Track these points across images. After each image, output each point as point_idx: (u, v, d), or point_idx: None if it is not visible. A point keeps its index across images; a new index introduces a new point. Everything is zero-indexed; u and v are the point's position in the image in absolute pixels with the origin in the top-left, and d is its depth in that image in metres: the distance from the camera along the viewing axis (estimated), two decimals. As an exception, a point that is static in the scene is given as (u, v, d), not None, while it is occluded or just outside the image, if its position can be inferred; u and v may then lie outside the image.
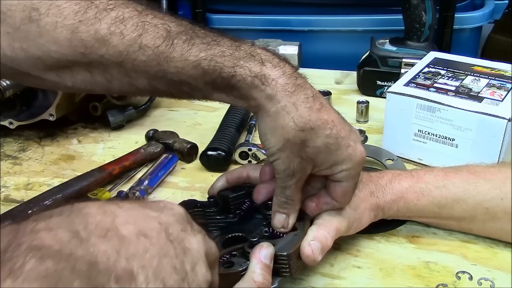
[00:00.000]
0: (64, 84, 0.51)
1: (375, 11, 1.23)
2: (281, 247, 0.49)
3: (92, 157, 0.82)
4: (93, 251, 0.31)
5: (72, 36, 0.46)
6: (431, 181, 0.58)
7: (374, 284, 0.54)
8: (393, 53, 0.94)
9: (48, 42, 0.47)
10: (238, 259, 0.48)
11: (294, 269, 0.49)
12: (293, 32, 1.25)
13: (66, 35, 0.47)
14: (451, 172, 0.59)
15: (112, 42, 0.46)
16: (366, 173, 0.59)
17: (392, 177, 0.59)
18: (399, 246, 0.59)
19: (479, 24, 1.22)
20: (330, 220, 0.53)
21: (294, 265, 0.49)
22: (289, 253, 0.48)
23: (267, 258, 0.47)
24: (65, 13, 0.46)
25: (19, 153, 0.84)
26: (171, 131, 0.83)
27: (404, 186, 0.58)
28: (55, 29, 0.47)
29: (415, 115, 0.71)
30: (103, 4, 0.47)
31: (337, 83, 1.05)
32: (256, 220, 0.56)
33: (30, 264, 0.28)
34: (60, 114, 0.85)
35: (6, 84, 0.76)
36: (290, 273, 0.49)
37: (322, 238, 0.51)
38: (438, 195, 0.57)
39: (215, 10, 1.33)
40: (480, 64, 0.78)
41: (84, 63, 0.48)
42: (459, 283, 0.53)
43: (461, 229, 0.60)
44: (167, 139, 0.81)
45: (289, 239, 0.50)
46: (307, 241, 0.50)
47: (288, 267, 0.48)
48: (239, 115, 0.85)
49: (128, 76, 0.49)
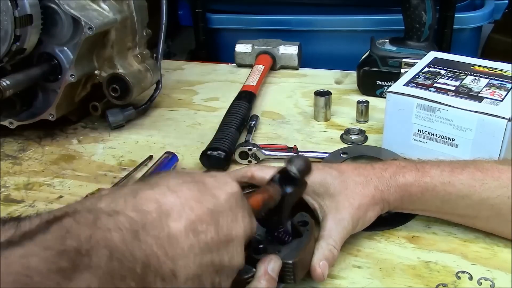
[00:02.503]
0: None
1: (375, 11, 1.23)
2: (286, 254, 0.49)
3: (92, 157, 0.82)
4: (148, 253, 0.34)
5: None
6: (436, 176, 0.57)
7: (374, 284, 0.54)
8: (393, 53, 0.94)
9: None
10: (244, 265, 0.48)
11: (298, 276, 0.50)
12: (293, 32, 1.25)
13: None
14: (458, 168, 0.58)
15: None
16: (370, 165, 0.59)
17: (397, 170, 0.58)
18: (399, 246, 0.59)
19: (479, 24, 1.22)
20: (336, 230, 0.54)
21: (298, 272, 0.50)
22: (294, 261, 0.48)
23: (274, 271, 0.47)
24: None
25: (19, 153, 0.84)
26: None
27: (408, 180, 0.57)
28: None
29: (415, 115, 0.71)
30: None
31: (337, 83, 1.05)
32: (259, 222, 0.56)
33: (103, 263, 0.31)
34: (60, 114, 0.85)
35: (6, 84, 0.76)
36: (294, 280, 0.49)
37: (330, 257, 0.52)
38: (442, 190, 0.56)
39: (215, 10, 1.33)
40: (480, 64, 0.78)
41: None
42: (459, 283, 0.53)
43: (465, 223, 0.60)
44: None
45: (294, 246, 0.50)
46: (317, 262, 0.51)
47: (293, 275, 0.49)
48: (239, 115, 0.85)
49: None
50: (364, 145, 0.81)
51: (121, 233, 0.33)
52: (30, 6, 0.74)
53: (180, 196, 0.38)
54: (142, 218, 0.35)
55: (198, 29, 1.34)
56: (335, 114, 0.91)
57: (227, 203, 0.40)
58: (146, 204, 0.36)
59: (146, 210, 0.36)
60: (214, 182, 0.41)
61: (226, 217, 0.39)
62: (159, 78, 0.95)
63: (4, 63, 0.78)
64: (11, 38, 0.74)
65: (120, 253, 0.32)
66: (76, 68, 0.80)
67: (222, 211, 0.39)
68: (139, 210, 0.35)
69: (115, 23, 0.83)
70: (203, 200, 0.39)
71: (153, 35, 0.95)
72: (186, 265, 0.36)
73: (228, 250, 0.39)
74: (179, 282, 0.35)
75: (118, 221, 0.34)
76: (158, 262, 0.34)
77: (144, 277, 0.33)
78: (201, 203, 0.38)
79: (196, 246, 0.36)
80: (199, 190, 0.39)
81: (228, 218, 0.39)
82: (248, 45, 1.13)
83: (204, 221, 0.38)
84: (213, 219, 0.38)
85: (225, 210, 0.39)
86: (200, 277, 0.37)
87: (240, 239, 0.40)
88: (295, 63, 1.11)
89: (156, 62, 0.95)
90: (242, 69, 1.13)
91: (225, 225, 0.39)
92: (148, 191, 0.37)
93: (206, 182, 0.41)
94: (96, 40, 0.82)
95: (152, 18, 0.94)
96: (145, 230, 0.34)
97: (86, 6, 0.80)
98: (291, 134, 0.86)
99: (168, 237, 0.35)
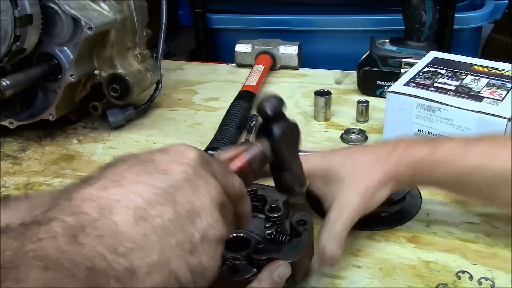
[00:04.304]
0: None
1: (375, 11, 1.23)
2: (286, 254, 0.49)
3: (92, 157, 0.82)
4: (91, 255, 0.31)
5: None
6: (450, 149, 0.55)
7: (374, 284, 0.54)
8: (393, 53, 0.94)
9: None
10: (243, 266, 0.48)
11: (298, 276, 0.50)
12: (293, 32, 1.25)
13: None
14: (472, 140, 0.56)
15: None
16: (378, 145, 0.59)
17: (407, 147, 0.56)
18: (399, 246, 0.59)
19: (479, 24, 1.22)
20: (345, 212, 0.53)
21: (298, 272, 0.49)
22: (294, 261, 0.48)
23: (280, 277, 0.46)
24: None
25: (19, 153, 0.84)
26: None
27: (420, 155, 0.55)
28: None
29: (415, 115, 0.71)
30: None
31: (337, 83, 1.05)
32: (256, 220, 0.56)
33: (33, 274, 0.28)
34: (60, 114, 0.85)
35: (6, 84, 0.76)
36: (294, 280, 0.49)
37: (337, 239, 0.52)
38: (455, 165, 0.54)
39: (215, 10, 1.33)
40: (480, 63, 0.78)
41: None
42: (459, 282, 0.53)
43: (481, 200, 0.58)
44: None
45: (294, 245, 0.50)
46: (326, 244, 0.51)
47: (293, 275, 0.48)
48: (239, 115, 0.84)
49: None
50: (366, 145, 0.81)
51: (54, 241, 0.30)
52: (30, 6, 0.75)
53: (123, 185, 0.35)
54: (80, 221, 0.32)
55: (198, 29, 1.34)
56: (335, 114, 0.91)
57: (182, 175, 0.36)
58: (84, 204, 0.33)
59: (84, 211, 0.33)
60: (164, 157, 0.38)
61: (183, 191, 0.36)
62: (159, 78, 0.95)
63: (4, 63, 0.78)
64: (11, 38, 0.74)
65: (55, 262, 0.29)
66: (76, 68, 0.80)
67: (177, 186, 0.36)
68: (77, 212, 0.33)
69: (115, 23, 0.83)
70: (152, 181, 0.35)
71: (153, 35, 0.95)
72: (144, 257, 0.32)
73: (196, 225, 0.35)
74: (141, 277, 0.32)
75: (51, 229, 0.31)
76: (107, 262, 0.31)
77: (93, 281, 0.30)
78: (150, 185, 0.35)
79: (151, 233, 0.33)
80: (147, 171, 0.36)
81: (186, 191, 0.36)
82: (248, 45, 1.13)
83: (157, 203, 0.34)
84: (167, 198, 0.35)
85: (181, 184, 0.36)
86: (168, 263, 0.33)
87: (208, 208, 0.36)
88: (295, 63, 1.11)
89: (156, 62, 0.95)
90: (242, 69, 1.13)
91: (184, 199, 0.35)
92: (86, 189, 0.35)
93: (155, 159, 0.37)
94: (96, 40, 0.82)
95: (152, 18, 0.94)
96: (85, 232, 0.31)
97: (86, 6, 0.80)
98: (291, 134, 0.86)
99: (114, 234, 0.32)
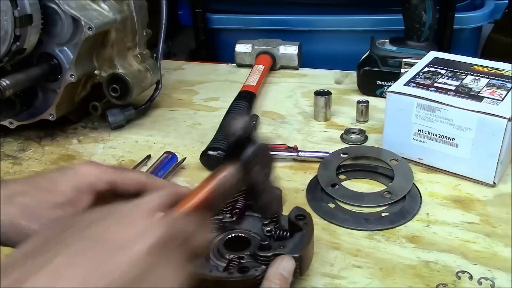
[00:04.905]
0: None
1: (375, 11, 1.23)
2: (291, 249, 0.49)
3: (92, 157, 0.82)
4: None
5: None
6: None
7: (374, 284, 0.54)
8: (393, 53, 0.94)
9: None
10: (251, 263, 0.49)
11: (304, 269, 0.50)
12: (293, 32, 1.25)
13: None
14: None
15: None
16: None
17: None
18: (399, 246, 0.59)
19: (479, 24, 1.22)
20: None
21: (304, 265, 0.50)
22: (300, 255, 0.49)
23: (286, 270, 0.46)
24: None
25: (19, 153, 0.84)
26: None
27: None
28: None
29: (415, 115, 0.71)
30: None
31: (337, 83, 1.05)
32: (252, 219, 0.56)
33: None
34: (60, 114, 0.85)
35: (6, 84, 0.76)
36: (300, 273, 0.50)
37: None
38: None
39: (215, 10, 1.33)
40: (480, 64, 0.78)
41: None
42: (459, 282, 0.53)
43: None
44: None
45: (297, 240, 0.51)
46: None
47: (299, 268, 0.49)
48: (239, 115, 0.85)
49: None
50: (364, 145, 0.81)
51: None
52: (30, 6, 0.75)
53: (68, 283, 0.30)
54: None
55: (198, 29, 1.34)
56: (335, 114, 0.91)
57: (135, 269, 0.32)
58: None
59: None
60: (121, 237, 0.33)
61: (142, 282, 0.32)
62: (159, 78, 0.95)
63: (4, 63, 0.78)
64: (11, 38, 0.74)
65: None
66: (76, 68, 0.80)
67: (130, 280, 0.31)
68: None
69: (115, 23, 0.83)
70: (100, 276, 0.30)
71: (153, 35, 0.95)
72: None
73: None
74: None
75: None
76: None
77: None
78: (98, 281, 0.30)
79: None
80: (98, 260, 0.31)
81: (146, 282, 0.32)
82: (248, 45, 1.13)
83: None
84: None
85: (135, 278, 0.31)
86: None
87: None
88: (295, 63, 1.11)
89: (156, 62, 0.95)
90: (242, 69, 1.13)
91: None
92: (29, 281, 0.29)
93: (111, 239, 0.33)
94: (96, 40, 0.82)
95: (152, 18, 0.95)
96: None
97: (86, 6, 0.80)
98: (291, 134, 0.86)
99: None
